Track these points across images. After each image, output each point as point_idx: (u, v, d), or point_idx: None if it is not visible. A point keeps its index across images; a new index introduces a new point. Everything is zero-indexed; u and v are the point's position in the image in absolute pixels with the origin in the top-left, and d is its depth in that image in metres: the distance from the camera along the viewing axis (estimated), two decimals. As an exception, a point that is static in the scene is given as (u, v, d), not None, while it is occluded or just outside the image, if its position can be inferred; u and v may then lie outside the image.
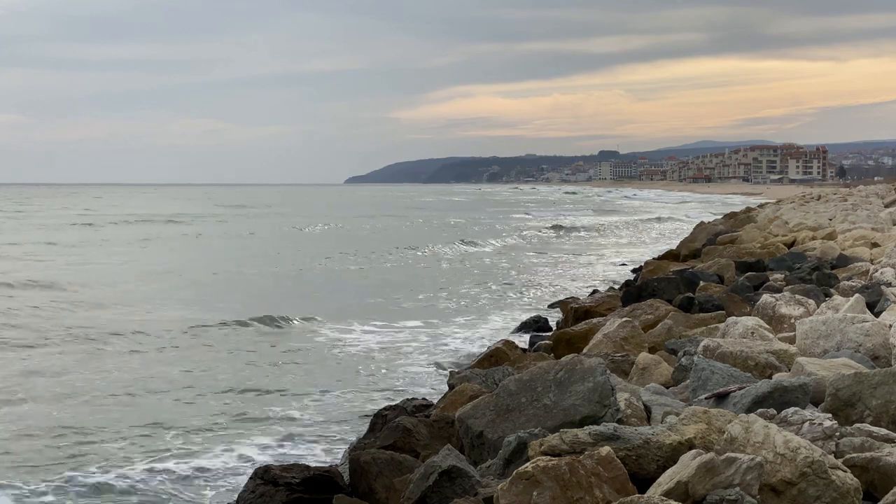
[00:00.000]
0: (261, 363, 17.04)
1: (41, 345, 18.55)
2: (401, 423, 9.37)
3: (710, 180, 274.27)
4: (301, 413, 13.49)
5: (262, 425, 12.87)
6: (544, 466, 5.89)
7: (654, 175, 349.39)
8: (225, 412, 13.52)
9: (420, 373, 16.18)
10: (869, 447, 6.25)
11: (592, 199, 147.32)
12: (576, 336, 14.02)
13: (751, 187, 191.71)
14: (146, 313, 22.95)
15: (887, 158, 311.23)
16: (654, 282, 17.13)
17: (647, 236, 56.79)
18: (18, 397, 14.30)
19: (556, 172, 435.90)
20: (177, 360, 17.29)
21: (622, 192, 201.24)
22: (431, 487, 6.86)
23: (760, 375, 8.41)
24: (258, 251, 44.08)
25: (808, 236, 25.59)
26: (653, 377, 9.44)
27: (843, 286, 14.66)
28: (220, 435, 12.40)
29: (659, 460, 6.33)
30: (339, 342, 19.14)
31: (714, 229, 37.55)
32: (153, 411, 13.52)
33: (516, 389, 7.77)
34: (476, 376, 10.88)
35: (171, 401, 14.19)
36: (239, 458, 11.41)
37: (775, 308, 11.81)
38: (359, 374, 16.13)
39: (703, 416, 6.64)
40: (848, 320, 9.25)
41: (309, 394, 14.65)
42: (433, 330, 20.69)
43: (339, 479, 8.52)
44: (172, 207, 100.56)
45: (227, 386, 15.19)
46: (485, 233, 59.21)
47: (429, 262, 39.16)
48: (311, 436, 12.37)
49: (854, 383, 7.09)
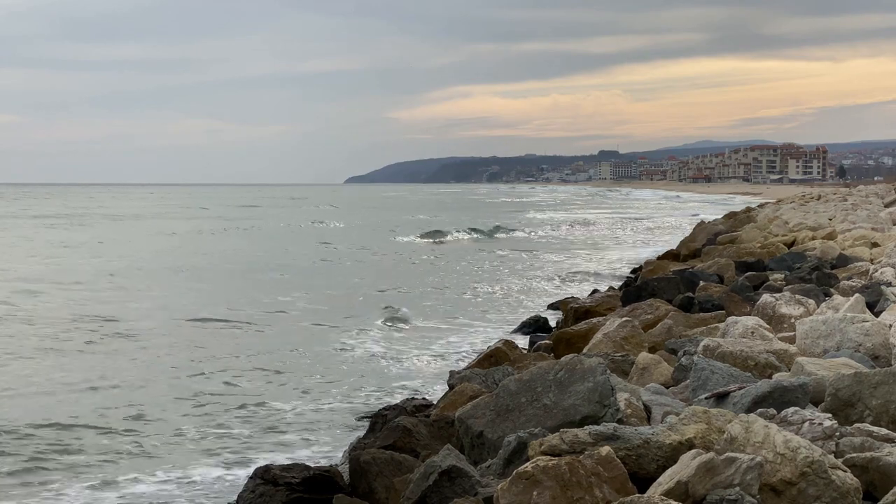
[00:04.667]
0: (260, 362, 17.02)
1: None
2: (401, 423, 9.37)
3: (710, 180, 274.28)
4: (301, 413, 13.49)
5: (261, 425, 12.87)
6: (544, 466, 5.89)
7: (654, 175, 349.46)
8: (224, 411, 13.51)
9: (420, 373, 16.18)
10: (869, 447, 6.25)
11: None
12: (576, 336, 14.01)
13: (751, 187, 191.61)
14: (145, 308, 22.99)
15: (887, 158, 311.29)
16: (654, 281, 17.14)
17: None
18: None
19: (555, 172, 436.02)
20: (175, 358, 17.28)
21: (637, 192, 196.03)
22: (431, 487, 6.86)
23: (760, 375, 8.40)
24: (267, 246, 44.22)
25: (808, 236, 25.59)
26: (653, 377, 9.44)
27: (843, 286, 14.66)
28: (220, 435, 12.39)
29: (659, 460, 6.33)
30: (339, 342, 19.14)
31: (714, 229, 37.54)
32: (148, 409, 13.51)
33: (516, 389, 7.77)
34: (476, 376, 10.88)
35: (166, 399, 14.18)
36: (239, 457, 11.41)
37: (775, 308, 11.80)
38: (359, 374, 16.12)
39: (703, 415, 6.64)
40: (848, 320, 9.25)
41: (309, 393, 14.65)
42: (433, 330, 20.69)
43: (339, 478, 8.52)
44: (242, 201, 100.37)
45: (225, 384, 15.19)
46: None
47: (429, 262, 39.16)
48: (310, 435, 12.37)
49: (854, 383, 7.09)
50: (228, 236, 57.01)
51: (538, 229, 63.80)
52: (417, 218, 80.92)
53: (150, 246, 46.72)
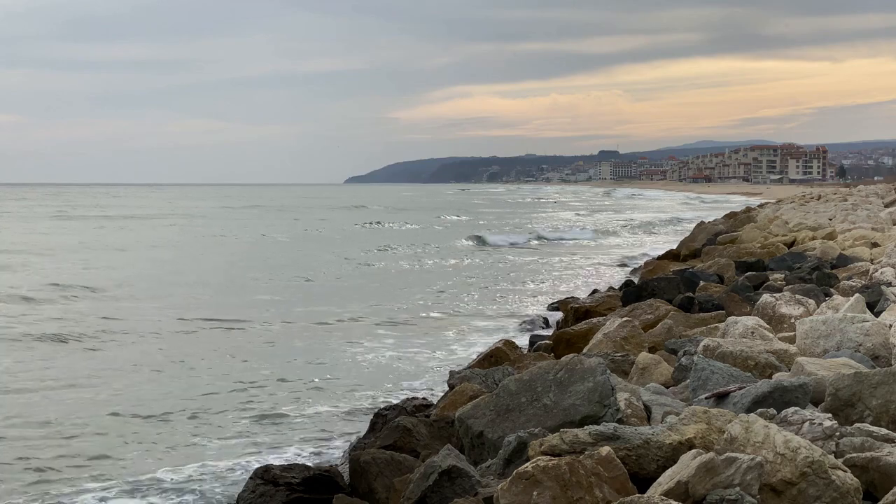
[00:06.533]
0: (260, 362, 17.02)
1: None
2: (401, 423, 9.37)
3: (710, 180, 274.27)
4: (301, 413, 13.48)
5: (261, 425, 12.87)
6: (544, 466, 5.89)
7: (655, 175, 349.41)
8: (224, 411, 13.51)
9: (420, 373, 16.17)
10: (869, 447, 6.24)
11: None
12: (576, 336, 14.02)
13: (751, 187, 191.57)
14: (145, 308, 22.99)
15: (887, 158, 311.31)
16: (654, 281, 17.13)
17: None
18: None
19: (555, 172, 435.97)
20: (174, 357, 17.29)
21: (646, 193, 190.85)
22: (431, 487, 6.85)
23: (760, 375, 8.40)
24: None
25: (808, 236, 25.59)
26: (653, 377, 9.44)
27: (843, 286, 14.66)
28: (219, 435, 12.39)
29: (659, 460, 6.32)
30: (340, 342, 19.14)
31: (714, 229, 37.53)
32: (148, 409, 13.52)
33: (516, 389, 7.77)
34: (476, 376, 10.87)
35: (166, 399, 14.18)
36: (239, 457, 11.40)
37: (775, 308, 11.80)
38: (359, 374, 16.12)
39: (703, 415, 6.64)
40: (848, 320, 9.25)
41: (309, 393, 14.65)
42: (433, 330, 20.68)
43: (339, 478, 8.52)
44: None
45: (225, 385, 15.18)
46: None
47: (431, 261, 39.16)
48: (310, 435, 12.37)
49: (854, 383, 7.08)
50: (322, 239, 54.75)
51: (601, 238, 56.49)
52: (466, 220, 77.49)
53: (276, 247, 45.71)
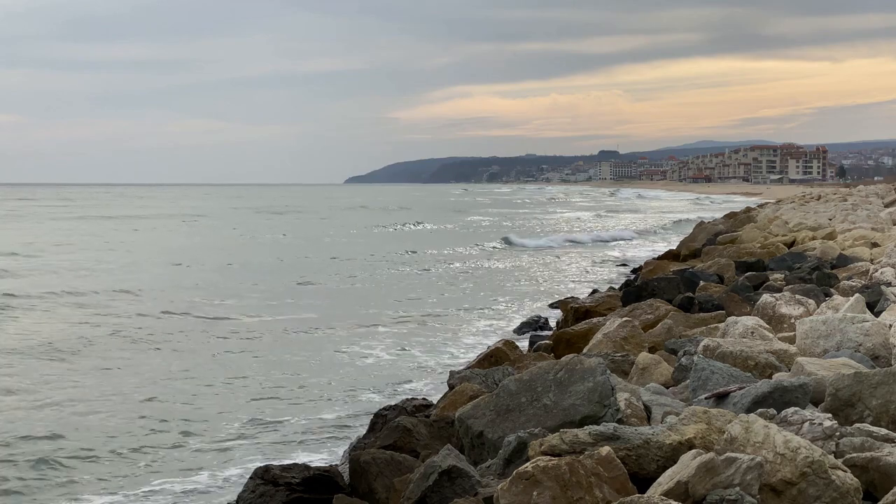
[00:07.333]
0: (260, 363, 17.03)
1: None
2: (401, 423, 9.36)
3: (710, 180, 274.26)
4: (300, 412, 13.49)
5: (262, 424, 12.87)
6: (544, 466, 5.89)
7: (655, 175, 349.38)
8: (223, 412, 13.52)
9: (420, 372, 16.18)
10: (869, 447, 6.24)
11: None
12: (576, 336, 14.01)
13: (751, 187, 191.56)
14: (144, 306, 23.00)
15: (887, 158, 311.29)
16: (654, 282, 17.12)
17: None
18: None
19: (555, 172, 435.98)
20: (175, 358, 17.29)
21: (648, 192, 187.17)
22: (431, 487, 6.85)
23: (760, 375, 8.40)
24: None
25: (808, 236, 25.58)
26: (653, 377, 9.44)
27: (843, 286, 14.65)
28: (220, 435, 12.40)
29: (659, 460, 6.32)
30: (340, 342, 19.14)
31: (714, 229, 37.52)
32: (149, 411, 13.52)
33: (516, 389, 7.77)
34: (476, 376, 10.87)
35: (166, 401, 14.19)
36: (239, 457, 11.41)
37: (775, 308, 11.80)
38: (359, 374, 16.12)
39: (703, 416, 6.64)
40: (848, 320, 9.24)
41: (309, 393, 14.66)
42: (433, 330, 20.68)
43: (339, 478, 8.52)
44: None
45: (224, 385, 15.19)
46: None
47: (431, 262, 39.16)
48: (310, 435, 12.37)
49: (854, 383, 7.08)
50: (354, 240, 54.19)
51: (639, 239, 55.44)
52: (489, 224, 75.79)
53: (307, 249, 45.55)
